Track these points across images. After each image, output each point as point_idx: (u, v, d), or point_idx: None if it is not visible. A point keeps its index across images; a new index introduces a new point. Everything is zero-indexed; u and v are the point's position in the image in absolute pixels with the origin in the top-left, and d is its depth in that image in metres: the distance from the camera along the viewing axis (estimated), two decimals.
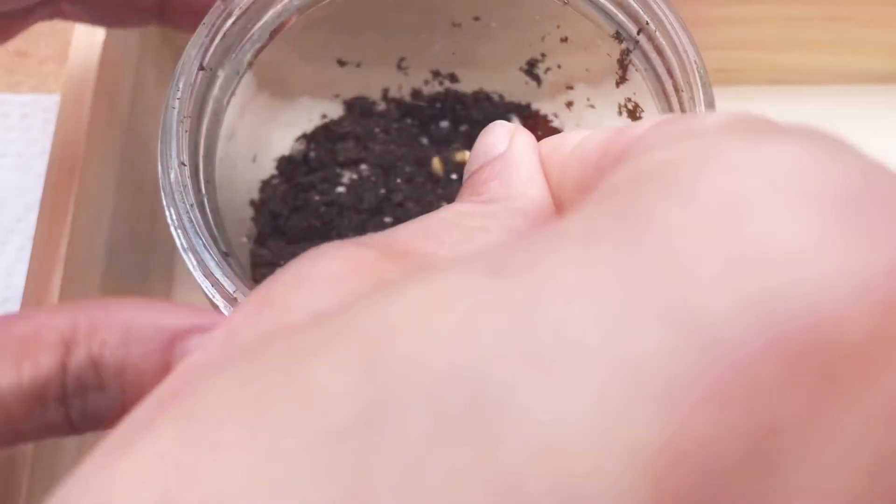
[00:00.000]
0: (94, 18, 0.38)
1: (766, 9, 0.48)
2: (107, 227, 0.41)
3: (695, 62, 0.31)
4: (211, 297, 0.28)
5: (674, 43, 0.32)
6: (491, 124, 0.27)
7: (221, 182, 0.35)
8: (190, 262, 0.28)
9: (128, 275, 0.43)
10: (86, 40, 0.41)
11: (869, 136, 0.50)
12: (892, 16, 0.49)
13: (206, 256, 0.28)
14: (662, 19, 0.32)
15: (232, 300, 0.27)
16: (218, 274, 0.28)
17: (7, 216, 0.51)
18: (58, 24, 0.56)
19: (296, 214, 0.40)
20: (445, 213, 0.23)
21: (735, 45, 0.50)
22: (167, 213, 0.29)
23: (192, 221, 0.28)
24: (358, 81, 0.43)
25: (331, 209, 0.40)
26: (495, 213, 0.22)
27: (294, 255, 0.38)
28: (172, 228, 0.29)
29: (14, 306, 0.49)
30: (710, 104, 0.30)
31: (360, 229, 0.40)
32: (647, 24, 0.33)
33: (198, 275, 0.28)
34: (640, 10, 0.33)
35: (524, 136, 0.26)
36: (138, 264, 0.44)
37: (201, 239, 0.28)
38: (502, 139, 0.25)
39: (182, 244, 0.28)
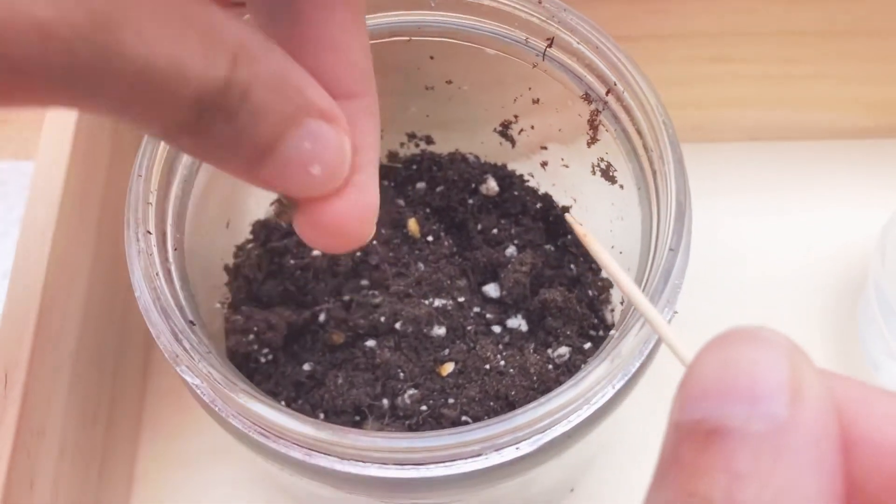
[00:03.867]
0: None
1: (743, 67, 0.49)
2: (82, 295, 0.40)
3: (663, 122, 0.31)
4: (175, 366, 0.28)
5: (641, 103, 0.32)
6: (736, 332, 0.16)
7: (193, 248, 0.35)
8: (154, 330, 0.28)
9: (104, 341, 0.42)
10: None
11: (846, 190, 0.51)
12: (867, 73, 0.50)
13: (170, 325, 0.28)
14: (629, 80, 0.32)
15: (195, 369, 0.27)
16: (183, 344, 0.27)
17: None
18: None
19: (270, 279, 0.40)
20: None
21: (712, 104, 0.51)
22: (132, 281, 0.29)
23: (156, 290, 0.28)
24: None
25: (306, 273, 0.40)
26: None
27: (267, 320, 0.38)
28: (137, 296, 0.28)
29: None
30: (679, 163, 0.30)
31: (336, 293, 0.40)
32: (615, 84, 0.33)
33: (161, 343, 0.28)
34: (608, 71, 0.33)
35: (823, 399, 0.15)
36: (114, 332, 0.44)
37: (166, 307, 0.28)
38: (778, 390, 0.15)
39: (146, 312, 0.28)
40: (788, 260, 0.50)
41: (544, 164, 0.42)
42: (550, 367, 0.38)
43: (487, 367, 0.37)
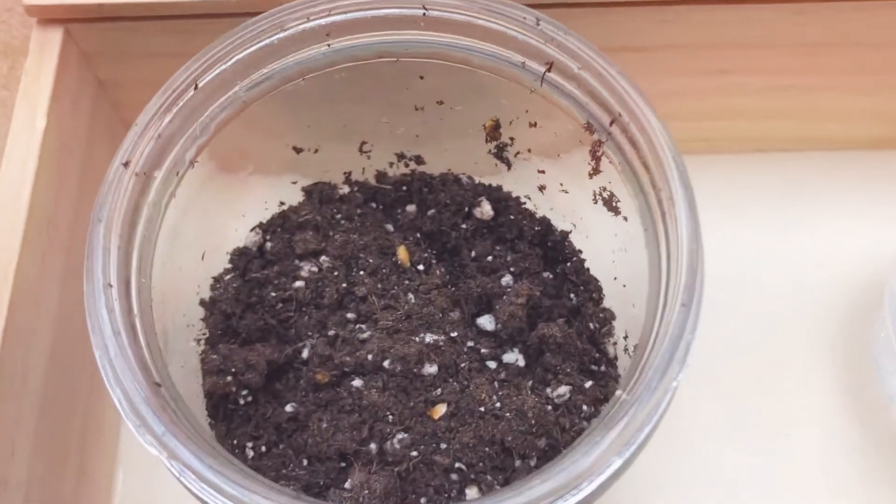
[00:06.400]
0: None
1: (749, 80, 0.47)
2: (50, 329, 0.38)
3: (673, 159, 0.29)
4: (139, 436, 0.25)
5: (649, 137, 0.30)
6: None
7: (164, 287, 0.32)
8: (116, 397, 0.25)
9: (72, 385, 0.40)
10: (25, 126, 0.39)
11: (857, 203, 0.49)
12: (876, 84, 0.48)
13: (132, 391, 0.25)
14: (636, 111, 0.30)
15: (160, 441, 0.25)
16: (145, 411, 0.25)
17: None
18: None
19: (249, 312, 0.38)
20: None
21: (718, 115, 0.50)
22: (92, 341, 0.26)
23: (118, 350, 0.26)
24: (317, 166, 0.41)
25: (288, 306, 0.37)
26: None
27: (245, 360, 0.36)
28: (98, 359, 0.26)
29: None
30: (691, 207, 0.28)
31: (321, 327, 0.37)
32: (620, 115, 0.31)
33: (124, 410, 0.25)
34: (613, 101, 0.31)
35: None
36: (86, 366, 0.41)
37: (130, 369, 0.26)
38: None
39: (107, 377, 0.26)
40: (795, 277, 0.48)
41: (542, 188, 0.40)
42: (549, 408, 0.36)
43: (482, 409, 0.35)
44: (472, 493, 0.34)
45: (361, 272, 0.38)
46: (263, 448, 0.35)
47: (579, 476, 0.25)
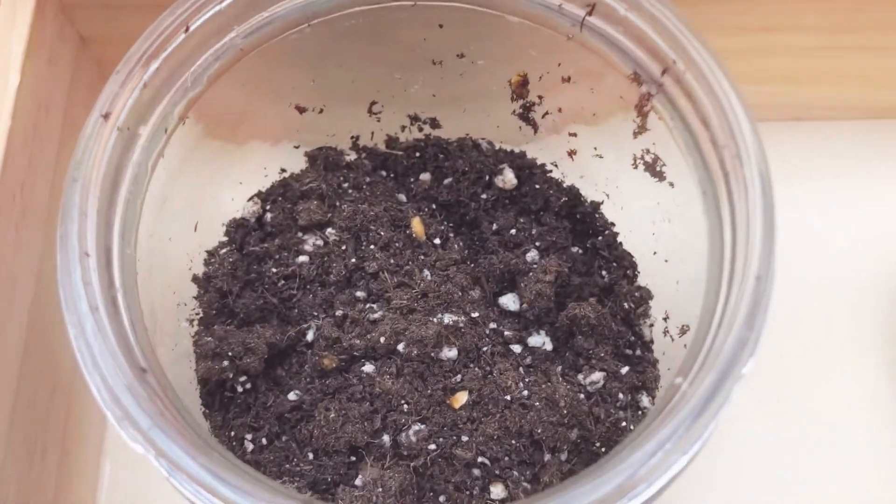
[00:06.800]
0: None
1: (791, 38, 0.44)
2: (26, 307, 0.35)
3: (740, 112, 0.25)
4: (121, 430, 0.22)
5: (710, 87, 0.26)
6: None
7: (152, 259, 0.30)
8: (94, 383, 0.22)
9: (52, 364, 0.37)
10: None
11: None
12: None
13: (113, 377, 0.22)
14: (694, 57, 0.27)
15: (146, 436, 0.21)
16: (128, 401, 0.21)
17: None
18: None
19: (248, 290, 0.35)
20: None
21: (755, 79, 0.46)
22: (66, 319, 0.23)
23: (96, 329, 0.22)
24: (322, 129, 0.38)
25: (291, 283, 0.35)
26: None
27: (244, 343, 0.33)
28: (73, 339, 0.22)
29: None
30: (763, 162, 0.24)
31: (327, 306, 0.35)
32: (674, 63, 0.27)
33: (103, 400, 0.22)
34: (666, 46, 0.28)
35: None
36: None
37: (110, 353, 0.22)
38: None
39: (83, 361, 0.22)
40: (838, 254, 0.46)
41: (572, 154, 0.37)
42: (582, 396, 0.34)
43: (508, 397, 0.33)
44: (496, 490, 0.31)
45: (372, 246, 0.36)
46: (264, 440, 0.33)
47: (637, 478, 0.21)
